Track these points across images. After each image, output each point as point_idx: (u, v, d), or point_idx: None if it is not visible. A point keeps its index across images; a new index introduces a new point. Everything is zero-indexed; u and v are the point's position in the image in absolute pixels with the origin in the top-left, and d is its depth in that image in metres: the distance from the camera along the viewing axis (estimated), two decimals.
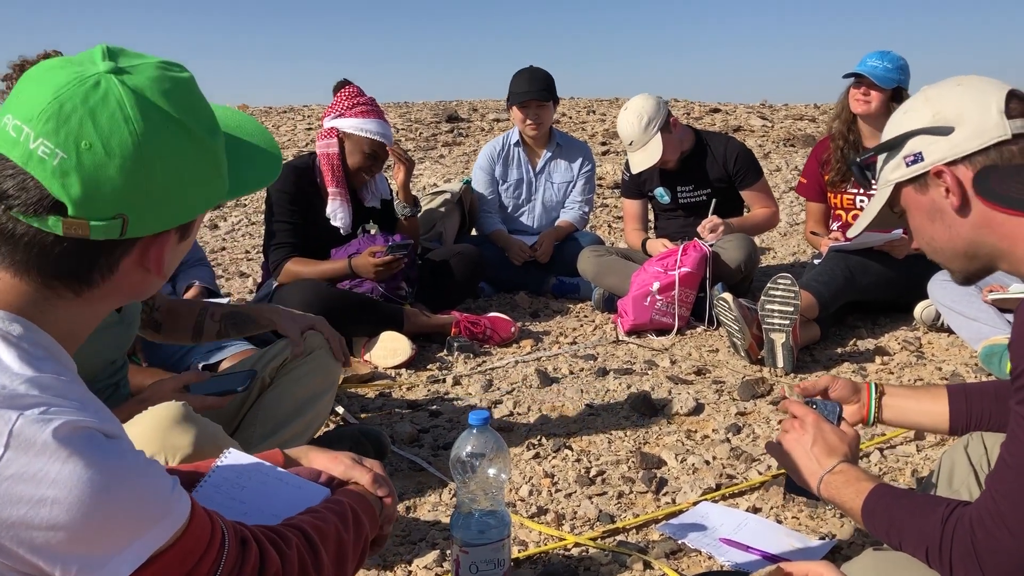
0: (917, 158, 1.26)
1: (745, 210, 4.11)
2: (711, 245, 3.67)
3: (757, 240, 4.02)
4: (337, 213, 3.44)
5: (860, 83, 3.58)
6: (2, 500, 0.80)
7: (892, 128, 1.33)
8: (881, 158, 1.35)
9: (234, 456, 1.24)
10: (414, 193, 3.82)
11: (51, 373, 0.87)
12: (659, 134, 3.80)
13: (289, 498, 1.17)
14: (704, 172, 3.99)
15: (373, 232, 3.55)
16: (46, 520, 0.80)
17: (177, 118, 0.93)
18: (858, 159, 1.43)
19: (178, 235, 0.99)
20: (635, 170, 3.90)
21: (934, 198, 1.26)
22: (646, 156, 3.83)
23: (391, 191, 3.74)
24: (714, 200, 3.86)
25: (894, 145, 1.30)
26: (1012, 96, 1.22)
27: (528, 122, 4.29)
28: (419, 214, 3.79)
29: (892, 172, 1.31)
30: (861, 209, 3.71)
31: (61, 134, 0.86)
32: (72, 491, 0.81)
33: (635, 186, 4.11)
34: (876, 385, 1.61)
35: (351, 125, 3.38)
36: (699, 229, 3.73)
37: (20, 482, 0.80)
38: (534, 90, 4.24)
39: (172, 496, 0.90)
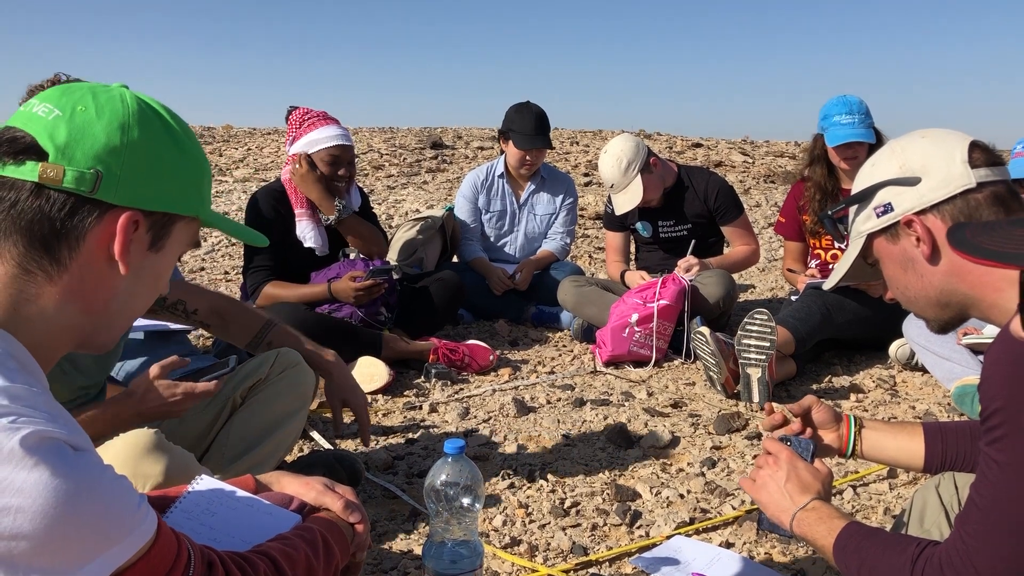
0: (887, 208, 1.30)
1: (725, 246, 4.14)
2: (690, 280, 3.69)
3: (736, 276, 4.05)
4: (306, 234, 3.44)
5: (849, 146, 3.54)
6: None
7: (861, 181, 1.37)
8: (852, 210, 1.38)
9: (205, 482, 1.23)
10: (397, 221, 3.80)
11: (22, 384, 0.87)
12: (639, 175, 3.84)
13: (259, 524, 1.16)
14: (685, 208, 4.03)
15: (353, 256, 3.55)
16: (9, 529, 0.79)
17: (170, 123, 1.04)
18: (829, 211, 1.47)
19: (149, 236, 1.01)
20: (618, 212, 3.95)
21: (905, 247, 1.29)
22: (628, 198, 3.88)
23: (363, 199, 3.71)
24: (692, 241, 3.90)
25: (864, 197, 1.34)
26: (974, 147, 1.27)
27: (528, 161, 4.33)
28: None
29: (864, 223, 1.35)
30: (840, 250, 3.74)
31: (63, 100, 0.99)
32: (37, 500, 0.79)
33: (617, 219, 4.14)
34: (856, 418, 1.62)
35: (304, 143, 3.44)
36: (676, 270, 3.76)
37: None
38: (541, 136, 4.29)
39: (139, 512, 0.89)
